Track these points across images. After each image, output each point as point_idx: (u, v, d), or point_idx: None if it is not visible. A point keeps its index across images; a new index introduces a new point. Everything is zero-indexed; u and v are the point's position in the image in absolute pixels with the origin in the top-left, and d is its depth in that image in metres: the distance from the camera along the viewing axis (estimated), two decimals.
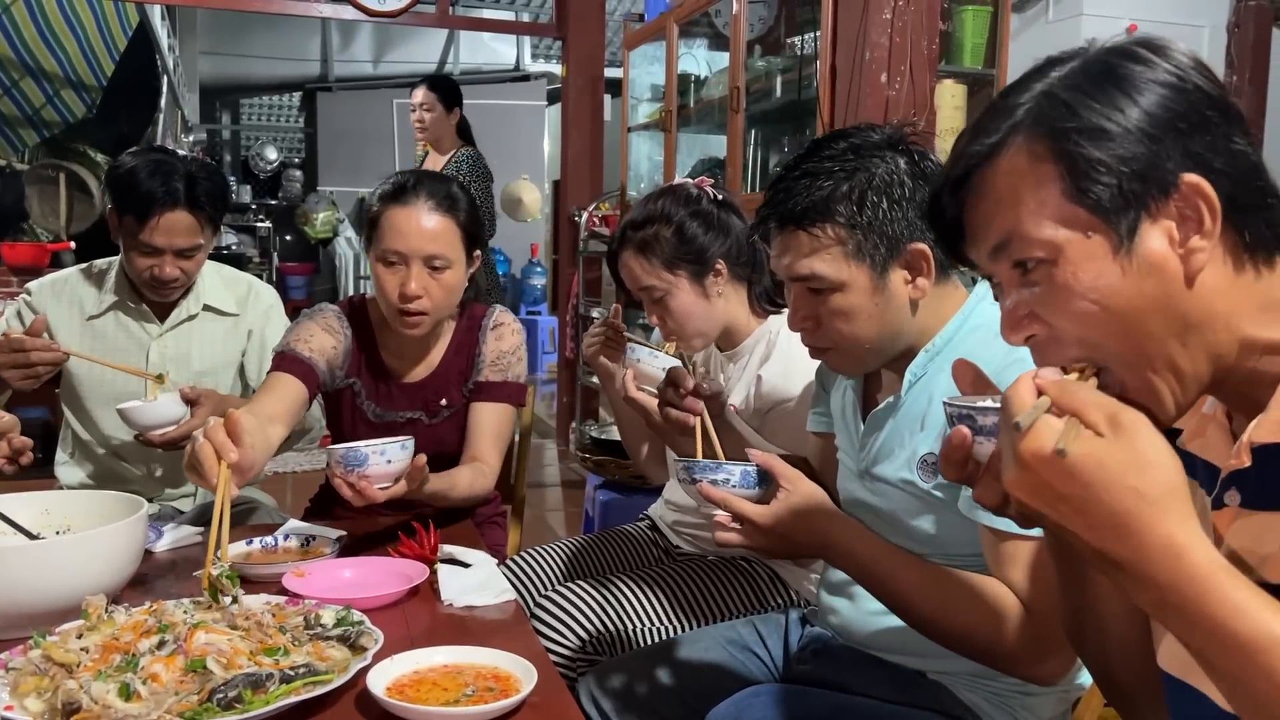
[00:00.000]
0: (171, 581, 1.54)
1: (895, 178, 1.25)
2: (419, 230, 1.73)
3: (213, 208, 1.97)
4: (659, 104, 4.50)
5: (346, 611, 1.26)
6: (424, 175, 1.84)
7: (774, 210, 1.30)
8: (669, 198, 1.76)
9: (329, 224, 10.47)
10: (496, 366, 1.91)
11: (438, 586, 1.48)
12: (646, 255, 1.74)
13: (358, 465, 1.46)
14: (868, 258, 1.25)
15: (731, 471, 1.21)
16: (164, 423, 1.83)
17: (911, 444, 1.30)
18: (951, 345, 1.29)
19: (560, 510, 4.60)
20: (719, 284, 1.76)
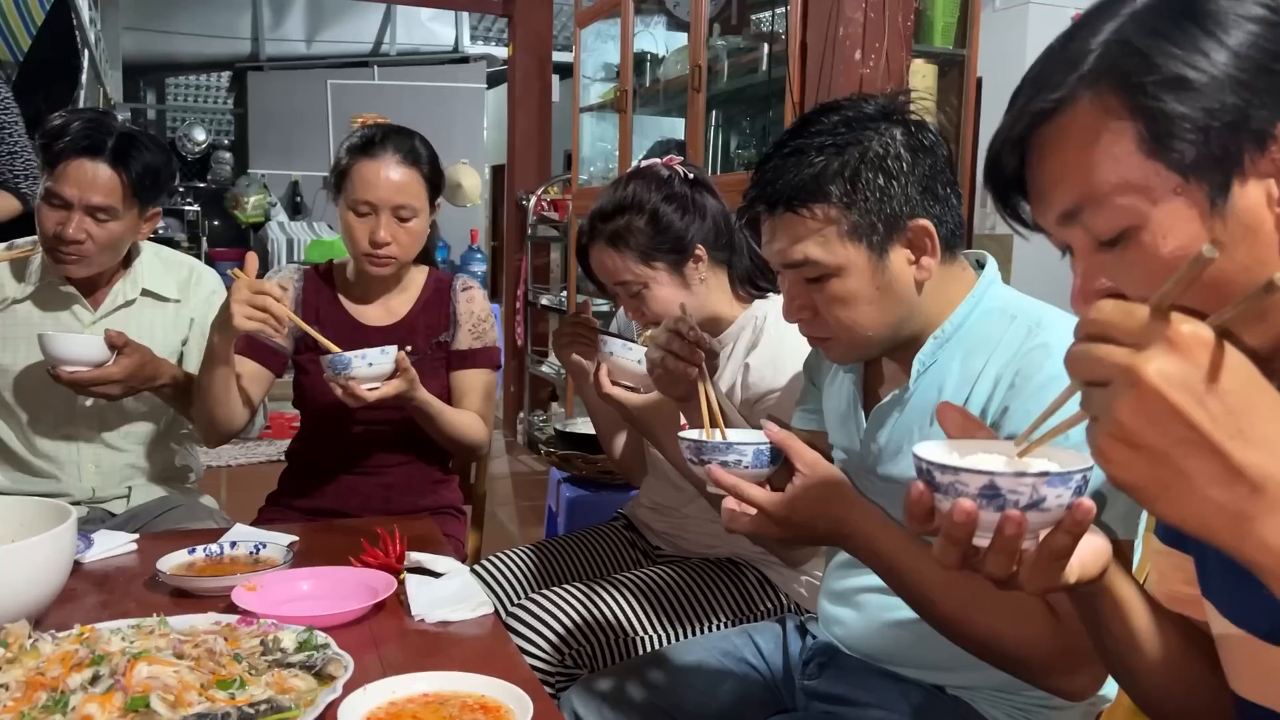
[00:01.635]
0: (105, 598, 1.37)
1: (891, 150, 1.13)
2: (387, 182, 1.79)
3: (144, 175, 1.80)
4: (613, 84, 4.36)
5: (309, 633, 1.12)
6: (390, 129, 1.85)
7: (762, 192, 1.19)
8: (639, 182, 1.64)
9: (261, 207, 10.14)
10: (474, 333, 1.95)
11: (406, 599, 1.34)
12: (620, 248, 1.62)
13: (343, 368, 1.61)
14: (865, 238, 1.14)
15: (743, 451, 1.11)
16: (81, 360, 1.73)
17: (923, 439, 1.18)
18: (963, 330, 1.19)
19: (511, 504, 4.46)
20: (699, 270, 1.64)
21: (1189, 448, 0.59)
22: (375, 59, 10.71)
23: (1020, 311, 1.18)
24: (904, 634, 1.24)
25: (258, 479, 3.35)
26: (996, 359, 1.14)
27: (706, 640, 1.47)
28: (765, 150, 1.21)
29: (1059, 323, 1.15)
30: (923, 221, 1.15)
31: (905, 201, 1.14)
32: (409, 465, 1.96)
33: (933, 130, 1.18)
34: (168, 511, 1.92)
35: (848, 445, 1.33)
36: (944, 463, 0.72)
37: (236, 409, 1.80)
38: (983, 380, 1.14)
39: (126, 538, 1.57)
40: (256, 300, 1.61)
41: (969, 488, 0.71)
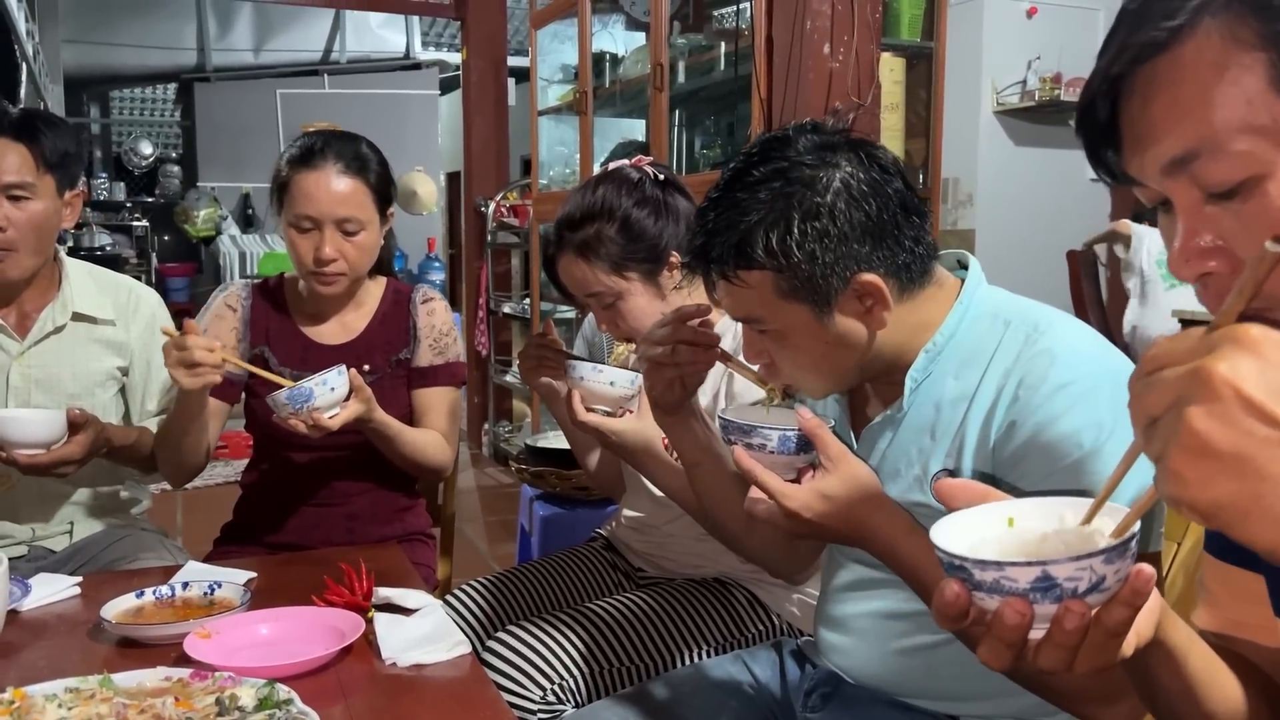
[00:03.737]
0: (41, 653, 1.25)
1: (826, 204, 1.03)
2: (329, 194, 1.68)
3: (53, 147, 1.67)
4: (571, 85, 4.26)
5: (270, 687, 1.02)
6: (331, 136, 1.74)
7: (697, 252, 1.11)
8: (608, 186, 1.54)
9: (211, 221, 9.93)
10: (435, 349, 1.84)
11: (376, 641, 1.24)
12: (590, 258, 1.53)
13: (305, 401, 1.49)
14: (804, 299, 1.06)
15: (768, 436, 1.05)
16: (38, 441, 1.57)
17: (921, 460, 1.11)
18: (956, 340, 1.11)
19: (479, 520, 4.34)
20: (674, 277, 1.56)
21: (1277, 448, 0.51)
22: (325, 67, 10.54)
23: (1014, 315, 1.10)
24: (913, 663, 1.16)
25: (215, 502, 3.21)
26: (995, 369, 1.06)
27: (699, 670, 1.38)
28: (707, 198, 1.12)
29: (1059, 325, 1.07)
30: (868, 277, 1.05)
31: (846, 257, 1.04)
32: (372, 492, 1.85)
33: (882, 159, 1.09)
34: (114, 544, 1.79)
35: None
36: (984, 559, 0.62)
37: (205, 450, 1.73)
38: (982, 393, 1.06)
39: (68, 581, 1.45)
40: (184, 359, 1.49)
41: (1018, 583, 0.60)
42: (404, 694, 1.15)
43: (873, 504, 1.05)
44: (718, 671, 1.37)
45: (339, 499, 1.82)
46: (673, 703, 1.32)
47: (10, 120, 1.65)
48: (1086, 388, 1.00)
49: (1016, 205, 5.74)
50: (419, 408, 1.83)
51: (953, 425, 1.08)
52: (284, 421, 1.53)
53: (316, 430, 1.52)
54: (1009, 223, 5.58)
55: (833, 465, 1.04)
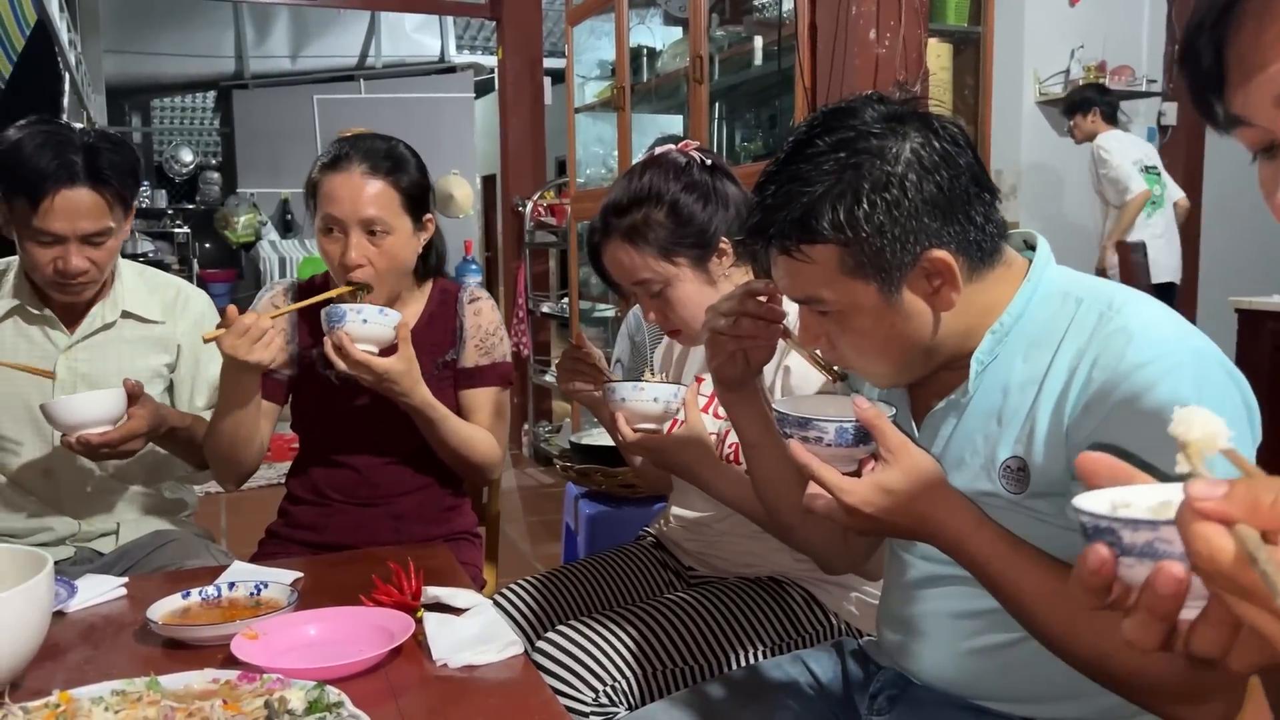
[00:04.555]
0: (90, 653, 1.23)
1: (896, 175, 0.98)
2: (353, 195, 1.64)
3: (120, 183, 1.66)
4: (608, 82, 4.23)
5: (319, 690, 0.98)
6: (363, 138, 1.70)
7: (755, 227, 1.06)
8: (655, 171, 1.50)
9: (251, 227, 10.01)
10: (482, 349, 1.81)
11: (426, 642, 1.21)
12: (638, 244, 1.48)
13: (338, 321, 1.53)
14: (871, 276, 1.01)
15: (825, 428, 1.01)
16: (103, 419, 1.57)
17: (988, 448, 1.06)
18: (1024, 320, 1.06)
19: (521, 520, 4.32)
20: (724, 265, 1.51)
21: None
22: (361, 72, 10.59)
23: (1087, 293, 1.04)
24: (986, 663, 1.11)
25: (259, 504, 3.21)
26: (1066, 350, 1.01)
27: (755, 671, 1.33)
28: (764, 172, 1.07)
29: (1135, 302, 1.01)
30: (939, 253, 1.00)
31: (916, 232, 0.99)
32: (418, 492, 1.82)
33: (953, 131, 1.03)
34: (161, 548, 1.78)
35: None
36: (1136, 518, 0.55)
37: (258, 448, 1.70)
38: (1053, 375, 1.01)
39: (114, 582, 1.44)
40: (253, 336, 1.50)
41: (1174, 546, 0.53)
42: (456, 696, 1.12)
43: (937, 496, 1.00)
44: (776, 673, 1.32)
45: (385, 499, 1.79)
46: (730, 705, 1.28)
47: (81, 164, 1.62)
48: (1167, 366, 0.94)
49: (1061, 197, 5.62)
50: (466, 409, 1.80)
51: (1021, 410, 1.03)
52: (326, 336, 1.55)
53: (341, 356, 1.52)
54: (1054, 215, 5.47)
55: (893, 457, 0.99)
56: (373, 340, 1.54)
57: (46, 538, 1.77)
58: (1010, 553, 1.00)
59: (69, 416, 1.56)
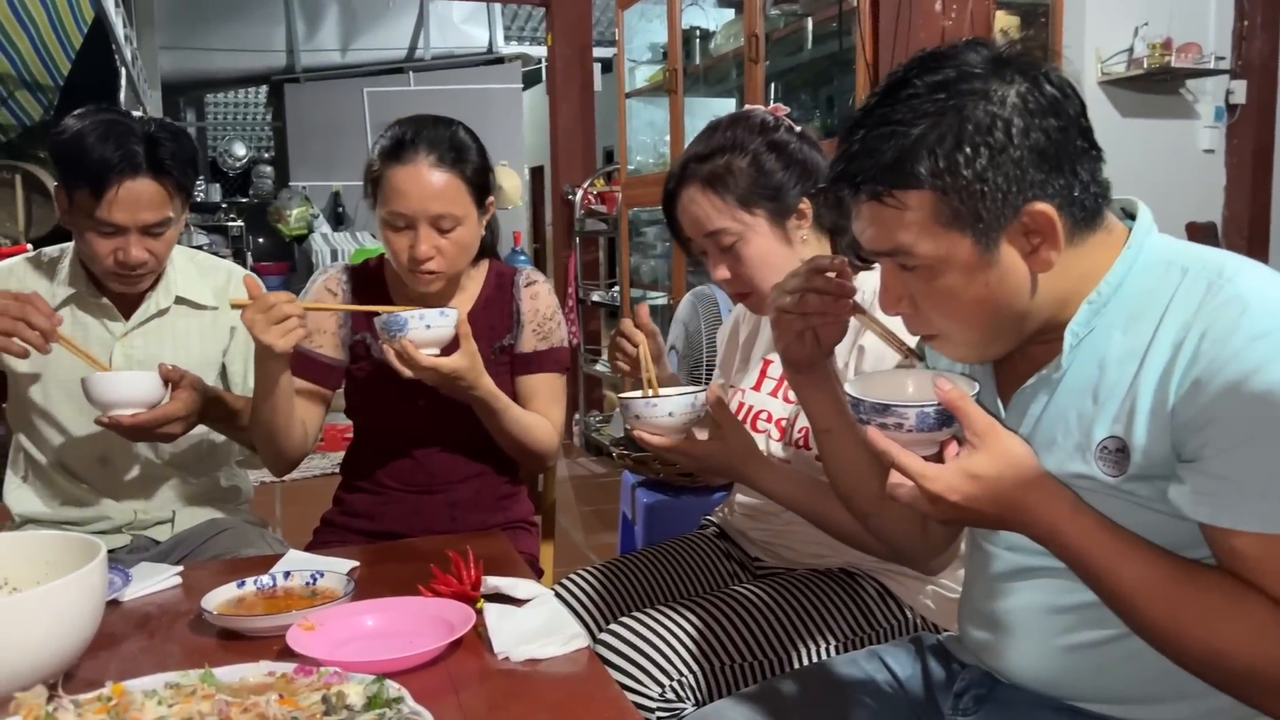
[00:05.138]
0: (145, 643, 1.20)
1: (1001, 119, 0.91)
2: (422, 190, 1.58)
3: (181, 173, 1.64)
4: (660, 65, 4.16)
5: (379, 684, 0.94)
6: (423, 124, 1.63)
7: (844, 172, 0.99)
8: (740, 126, 1.44)
9: (303, 220, 10.09)
10: (539, 333, 1.77)
11: (486, 634, 1.16)
12: (718, 190, 1.41)
13: (399, 329, 1.46)
14: (968, 227, 0.93)
15: (904, 414, 0.95)
16: (135, 400, 1.54)
17: (1082, 427, 0.98)
18: (1124, 290, 0.98)
19: (574, 510, 4.28)
20: (802, 229, 1.44)
21: None
22: (410, 65, 10.64)
23: (1192, 262, 0.96)
24: (1081, 661, 1.03)
25: (313, 493, 3.20)
26: (1171, 322, 0.93)
27: (828, 667, 1.27)
28: (852, 117, 1.00)
29: (1246, 270, 0.93)
30: (1041, 207, 0.92)
31: (1019, 182, 0.92)
32: (475, 479, 1.78)
33: (1060, 80, 0.96)
34: (216, 536, 1.76)
35: None
36: None
37: (300, 435, 1.65)
38: (1156, 349, 0.93)
39: (169, 571, 1.41)
40: (274, 316, 1.45)
41: None
42: (519, 690, 1.07)
43: (1029, 482, 0.94)
44: (850, 669, 1.25)
45: (441, 486, 1.75)
46: (803, 702, 1.21)
47: (144, 155, 1.60)
48: None
49: (1126, 179, 5.44)
50: (523, 394, 1.76)
51: (1121, 387, 0.95)
52: (382, 350, 1.49)
53: (405, 365, 1.47)
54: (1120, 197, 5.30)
55: (980, 440, 0.93)
56: (436, 342, 1.49)
57: (103, 526, 1.76)
58: (1110, 541, 0.93)
59: (102, 394, 1.54)
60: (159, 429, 1.57)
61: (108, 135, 1.58)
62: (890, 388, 1.04)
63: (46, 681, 0.94)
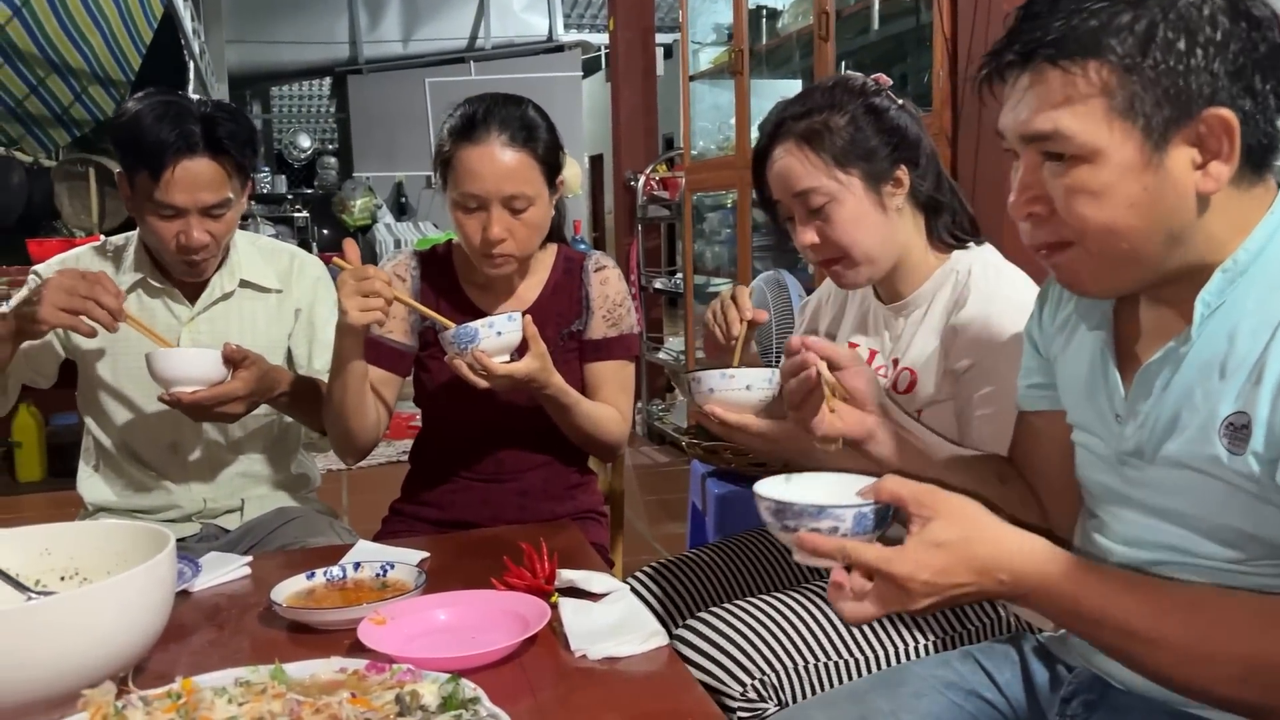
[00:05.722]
0: (214, 635, 1.18)
1: (1208, 10, 0.85)
2: (494, 172, 1.55)
3: (239, 153, 1.62)
4: (724, 47, 4.08)
5: (454, 683, 0.90)
6: (494, 102, 1.59)
7: (1019, 37, 0.90)
8: (840, 88, 1.37)
9: (367, 210, 10.18)
10: (609, 320, 1.72)
11: (562, 630, 1.11)
12: (814, 146, 1.34)
13: (470, 341, 1.41)
14: (1141, 118, 0.86)
15: (842, 517, 0.90)
16: (197, 379, 1.53)
17: (1208, 405, 0.90)
18: (1262, 262, 0.89)
19: (638, 500, 4.23)
20: (898, 197, 1.36)
21: None
22: (471, 54, 10.68)
23: None
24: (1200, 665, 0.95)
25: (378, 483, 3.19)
26: None
27: (921, 667, 1.20)
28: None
29: None
30: (1223, 112, 0.85)
31: (1207, 81, 0.85)
32: (544, 468, 1.74)
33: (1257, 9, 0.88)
34: (285, 525, 1.75)
35: (1097, 425, 1.04)
36: None
37: (373, 420, 1.62)
38: None
39: (238, 561, 1.39)
40: (364, 288, 1.42)
41: None
42: (597, 690, 1.02)
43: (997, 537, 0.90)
44: (944, 670, 1.18)
45: (510, 475, 1.72)
46: (895, 705, 1.14)
47: (200, 135, 1.58)
48: None
49: None
50: (591, 382, 1.71)
51: (1248, 360, 0.87)
52: (451, 364, 1.44)
53: (480, 377, 1.42)
54: None
55: (930, 510, 0.88)
56: (507, 349, 1.45)
57: (173, 514, 1.75)
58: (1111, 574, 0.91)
59: (164, 370, 1.53)
60: (219, 408, 1.55)
61: (164, 116, 1.57)
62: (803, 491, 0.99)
63: (117, 675, 0.92)
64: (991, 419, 1.28)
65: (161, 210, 1.60)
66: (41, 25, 6.81)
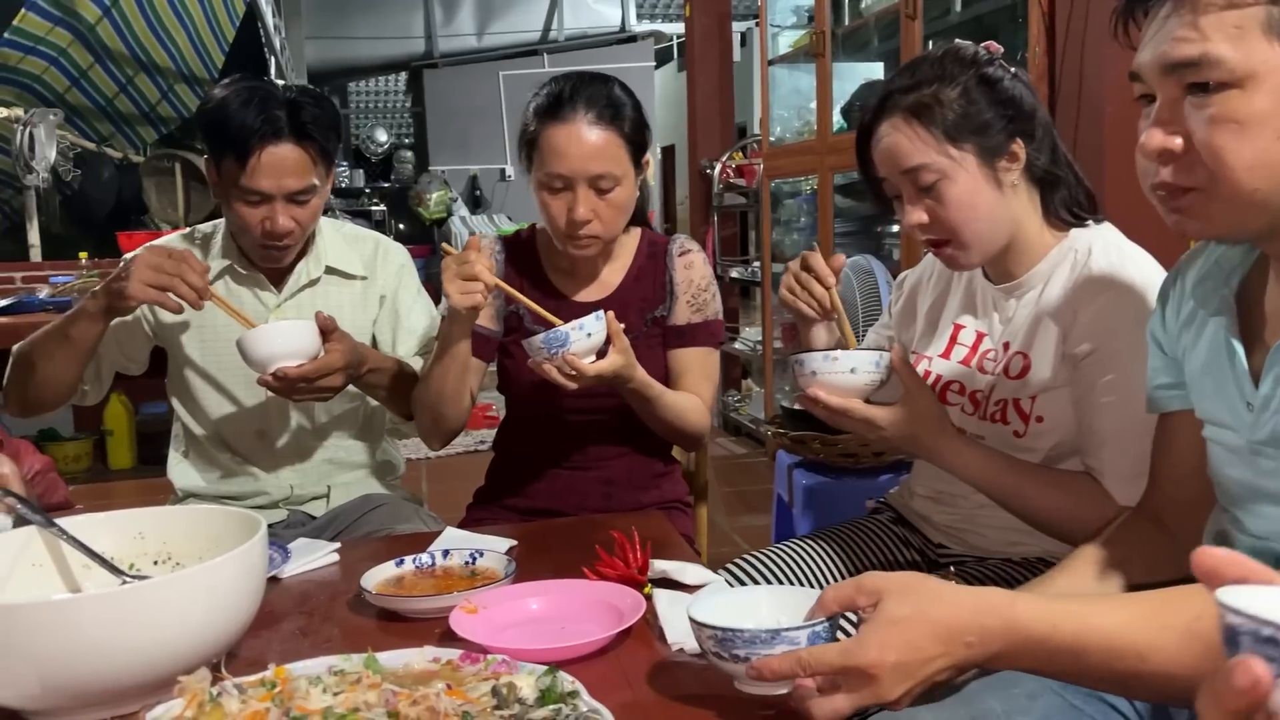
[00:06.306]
0: (304, 623, 1.16)
1: None
2: (580, 150, 1.52)
3: (323, 138, 1.62)
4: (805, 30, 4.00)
5: (552, 676, 0.86)
6: (580, 80, 1.56)
7: None
8: (949, 58, 1.29)
9: (442, 204, 10.29)
10: (694, 305, 1.68)
11: (657, 622, 1.07)
12: (923, 122, 1.26)
13: (561, 345, 1.37)
14: None
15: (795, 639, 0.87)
16: (298, 352, 1.50)
17: None
18: None
19: (715, 491, 4.18)
20: (1013, 173, 1.29)
21: None
22: (544, 46, 10.71)
23: None
24: None
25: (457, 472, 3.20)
26: None
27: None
28: None
29: None
30: None
31: None
32: (629, 457, 1.70)
33: None
34: (371, 511, 1.74)
35: (1228, 416, 0.96)
36: None
37: (465, 405, 1.61)
38: None
39: (327, 547, 1.38)
40: (464, 272, 1.41)
41: None
42: (696, 685, 0.97)
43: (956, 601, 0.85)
44: None
45: (594, 463, 1.68)
46: (1008, 706, 1.08)
47: (285, 120, 1.58)
48: None
49: None
50: (675, 369, 1.67)
51: None
52: (539, 368, 1.40)
53: (571, 380, 1.39)
54: None
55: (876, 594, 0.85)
56: (595, 348, 1.41)
57: (261, 500, 1.76)
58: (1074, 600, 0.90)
59: (261, 347, 1.49)
60: (320, 381, 1.53)
61: (250, 101, 1.57)
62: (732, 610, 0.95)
63: (209, 661, 0.90)
64: (1113, 408, 1.21)
65: (247, 196, 1.60)
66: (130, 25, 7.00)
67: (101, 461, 4.67)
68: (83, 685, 0.89)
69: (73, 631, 0.86)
